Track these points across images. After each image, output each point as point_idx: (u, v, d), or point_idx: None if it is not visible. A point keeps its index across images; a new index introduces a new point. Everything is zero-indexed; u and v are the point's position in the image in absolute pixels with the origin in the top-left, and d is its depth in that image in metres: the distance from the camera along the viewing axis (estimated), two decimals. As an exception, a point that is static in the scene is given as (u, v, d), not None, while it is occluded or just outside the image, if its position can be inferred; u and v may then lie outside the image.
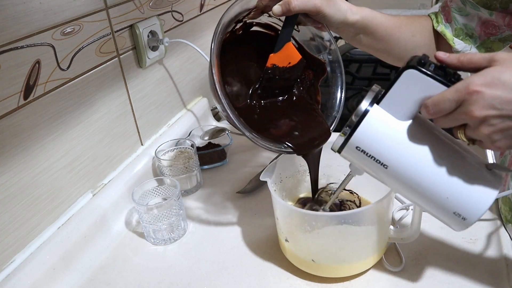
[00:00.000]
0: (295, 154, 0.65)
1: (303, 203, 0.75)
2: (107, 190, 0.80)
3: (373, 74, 1.38)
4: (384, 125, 0.50)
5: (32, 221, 0.66)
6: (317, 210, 0.68)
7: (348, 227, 0.58)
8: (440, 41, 0.72)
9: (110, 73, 0.80)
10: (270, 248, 0.71)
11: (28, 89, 0.63)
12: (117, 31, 0.80)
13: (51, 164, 0.69)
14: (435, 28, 0.72)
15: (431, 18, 0.73)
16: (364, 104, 0.50)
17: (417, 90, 0.47)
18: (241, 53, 0.68)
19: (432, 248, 0.67)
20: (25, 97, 0.63)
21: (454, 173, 0.49)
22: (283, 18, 0.63)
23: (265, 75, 0.66)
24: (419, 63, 0.47)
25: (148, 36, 0.87)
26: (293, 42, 0.67)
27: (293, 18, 0.62)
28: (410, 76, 0.47)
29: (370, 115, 0.50)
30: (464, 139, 0.47)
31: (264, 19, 0.67)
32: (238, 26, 0.66)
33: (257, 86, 0.68)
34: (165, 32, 0.94)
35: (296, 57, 0.66)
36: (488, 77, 0.43)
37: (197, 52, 1.02)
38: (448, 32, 0.71)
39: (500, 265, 0.63)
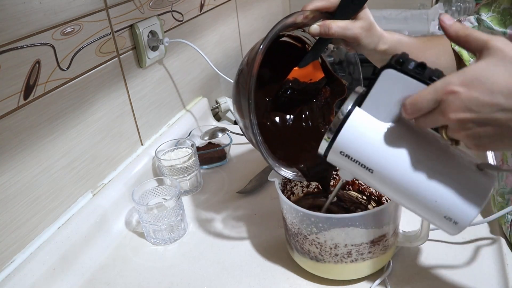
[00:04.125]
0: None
1: (311, 205, 0.73)
2: (107, 190, 0.80)
3: (373, 75, 1.38)
4: (366, 128, 0.48)
5: (32, 221, 0.66)
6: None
7: (354, 229, 0.58)
8: (460, 60, 0.70)
9: (110, 73, 0.80)
10: (270, 248, 0.71)
11: (28, 89, 0.63)
12: (117, 31, 0.80)
13: (51, 164, 0.69)
14: (452, 47, 0.70)
15: None
16: (346, 107, 0.48)
17: (397, 90, 0.46)
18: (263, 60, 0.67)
19: (432, 248, 0.67)
20: (25, 97, 0.63)
21: (442, 175, 0.47)
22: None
23: (284, 86, 0.65)
24: (397, 61, 0.45)
25: (148, 36, 0.87)
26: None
27: (327, 40, 0.61)
28: (388, 76, 0.45)
29: (352, 118, 0.48)
30: (447, 139, 0.45)
31: (295, 32, 0.65)
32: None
33: (272, 97, 0.66)
34: (165, 32, 0.94)
35: (319, 75, 0.65)
36: (468, 76, 0.41)
37: (197, 52, 1.02)
38: (465, 53, 0.69)
39: (500, 265, 0.63)
